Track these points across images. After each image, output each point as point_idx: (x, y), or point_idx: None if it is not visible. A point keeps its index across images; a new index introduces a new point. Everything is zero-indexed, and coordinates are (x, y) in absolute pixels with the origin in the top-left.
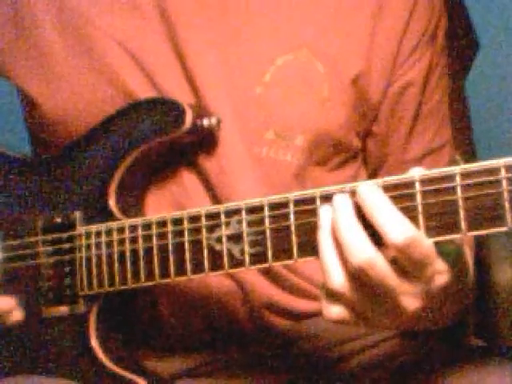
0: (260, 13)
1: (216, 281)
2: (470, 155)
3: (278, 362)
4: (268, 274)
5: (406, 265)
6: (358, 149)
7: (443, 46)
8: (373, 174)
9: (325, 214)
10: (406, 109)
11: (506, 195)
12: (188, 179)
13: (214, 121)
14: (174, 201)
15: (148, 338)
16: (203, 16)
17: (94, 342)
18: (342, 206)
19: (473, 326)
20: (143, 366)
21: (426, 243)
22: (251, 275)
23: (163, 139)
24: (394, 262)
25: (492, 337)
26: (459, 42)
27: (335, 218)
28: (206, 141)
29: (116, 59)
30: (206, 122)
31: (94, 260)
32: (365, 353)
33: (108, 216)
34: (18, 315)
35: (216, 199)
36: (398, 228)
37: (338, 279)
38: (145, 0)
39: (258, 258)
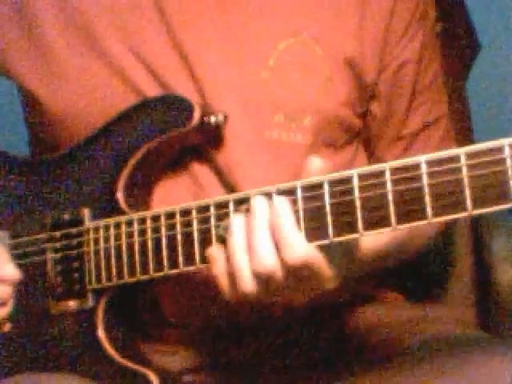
0: (257, 2)
1: None
2: None
3: (278, 361)
4: None
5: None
6: (359, 128)
7: (433, 25)
8: (371, 153)
9: (237, 220)
10: (403, 88)
11: (510, 173)
12: (200, 170)
13: (220, 117)
14: (188, 192)
15: (152, 334)
16: (202, 11)
17: (102, 336)
18: (258, 210)
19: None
20: (151, 360)
21: (314, 262)
22: None
23: (171, 135)
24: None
25: (494, 336)
26: (460, 42)
27: (250, 221)
28: (214, 137)
29: (119, 57)
30: (213, 119)
31: (102, 253)
32: (365, 353)
33: (116, 212)
34: (6, 327)
35: (229, 187)
36: (290, 250)
37: (248, 283)
38: (145, 0)
39: None
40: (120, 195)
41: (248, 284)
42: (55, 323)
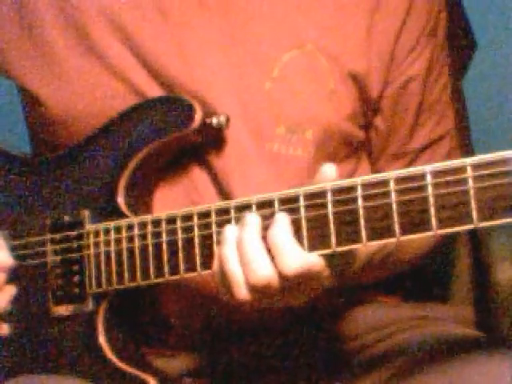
0: (262, 11)
1: None
2: (469, 155)
3: (278, 361)
4: None
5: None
6: (362, 140)
7: (443, 39)
8: (373, 167)
9: (230, 231)
10: (408, 103)
11: None
12: (199, 177)
13: (222, 119)
14: (187, 198)
15: (152, 337)
16: (205, 16)
17: (102, 340)
18: (250, 223)
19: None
20: (151, 364)
21: (314, 270)
22: None
23: (172, 137)
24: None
25: (493, 336)
26: (459, 42)
27: (241, 234)
28: (215, 139)
29: (119, 58)
30: (214, 120)
31: (102, 257)
32: (365, 352)
33: (117, 214)
34: (3, 328)
35: (224, 195)
36: (285, 260)
37: (243, 293)
38: (148, 2)
39: None
40: (120, 197)
41: (243, 293)
42: (55, 326)
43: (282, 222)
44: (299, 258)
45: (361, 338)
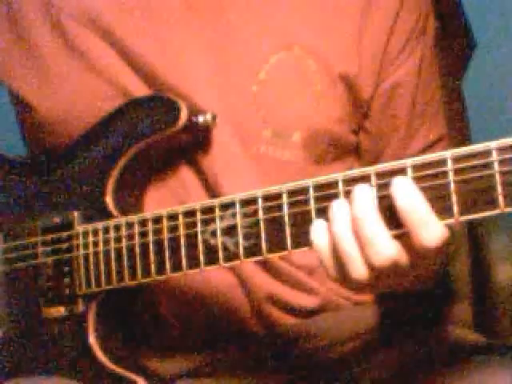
0: (250, 13)
1: (216, 277)
2: None
3: (278, 361)
4: (268, 267)
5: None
6: (354, 144)
7: (433, 41)
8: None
9: (339, 206)
10: (400, 105)
11: (497, 178)
12: (188, 177)
13: (208, 117)
14: (176, 198)
15: (148, 337)
16: (192, 17)
17: (93, 341)
18: (366, 199)
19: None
20: (143, 365)
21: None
22: (251, 270)
23: (159, 136)
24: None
25: (492, 336)
26: (456, 42)
27: (357, 212)
28: (203, 138)
29: (106, 60)
30: (201, 118)
31: (91, 258)
32: (365, 353)
33: (106, 215)
34: None
35: (216, 197)
36: (431, 233)
37: (363, 273)
38: (134, 2)
39: (252, 250)
40: (109, 198)
41: (362, 273)
42: (47, 327)
43: (412, 188)
44: (440, 229)
45: (361, 338)
